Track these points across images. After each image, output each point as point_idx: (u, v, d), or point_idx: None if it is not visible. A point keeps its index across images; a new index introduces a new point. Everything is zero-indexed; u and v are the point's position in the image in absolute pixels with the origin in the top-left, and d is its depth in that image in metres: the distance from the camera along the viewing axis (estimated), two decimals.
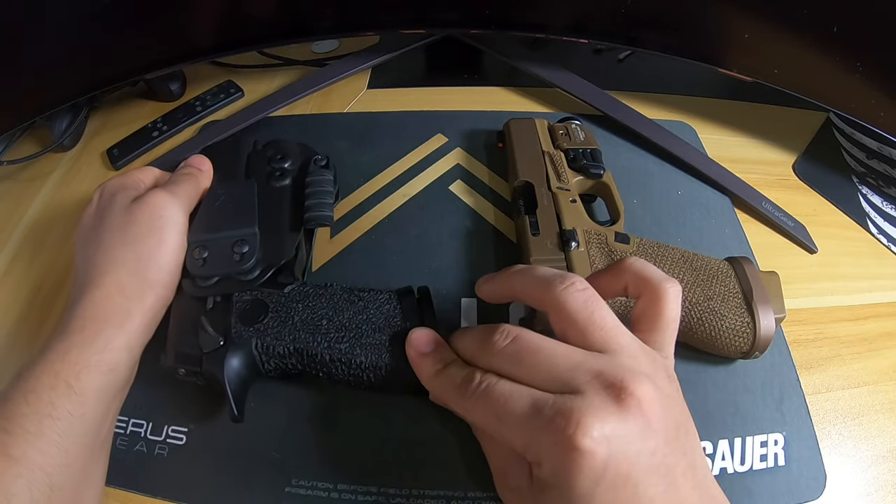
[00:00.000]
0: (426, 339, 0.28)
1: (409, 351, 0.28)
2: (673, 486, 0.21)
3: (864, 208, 0.41)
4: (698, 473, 0.22)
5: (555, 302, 0.24)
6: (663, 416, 0.21)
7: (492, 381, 0.23)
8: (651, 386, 0.22)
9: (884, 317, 0.35)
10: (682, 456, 0.22)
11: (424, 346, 0.28)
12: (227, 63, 0.54)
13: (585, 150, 0.39)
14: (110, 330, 0.27)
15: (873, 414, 0.31)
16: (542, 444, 0.21)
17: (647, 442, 0.21)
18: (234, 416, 0.27)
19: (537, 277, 0.26)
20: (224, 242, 0.31)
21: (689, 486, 0.21)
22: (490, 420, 0.23)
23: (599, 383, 0.21)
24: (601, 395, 0.21)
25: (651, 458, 0.21)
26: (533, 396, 0.22)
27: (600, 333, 0.23)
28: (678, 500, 0.21)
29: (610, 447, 0.20)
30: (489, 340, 0.25)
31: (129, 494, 0.29)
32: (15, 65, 0.38)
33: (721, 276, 0.32)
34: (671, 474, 0.21)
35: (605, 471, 0.20)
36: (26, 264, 0.39)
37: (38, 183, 0.45)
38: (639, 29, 0.41)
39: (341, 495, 0.28)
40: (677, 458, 0.21)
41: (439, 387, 0.26)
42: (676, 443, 0.22)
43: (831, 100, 0.39)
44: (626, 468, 0.20)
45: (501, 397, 0.23)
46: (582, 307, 0.24)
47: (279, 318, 0.29)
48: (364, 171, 0.42)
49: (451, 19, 0.44)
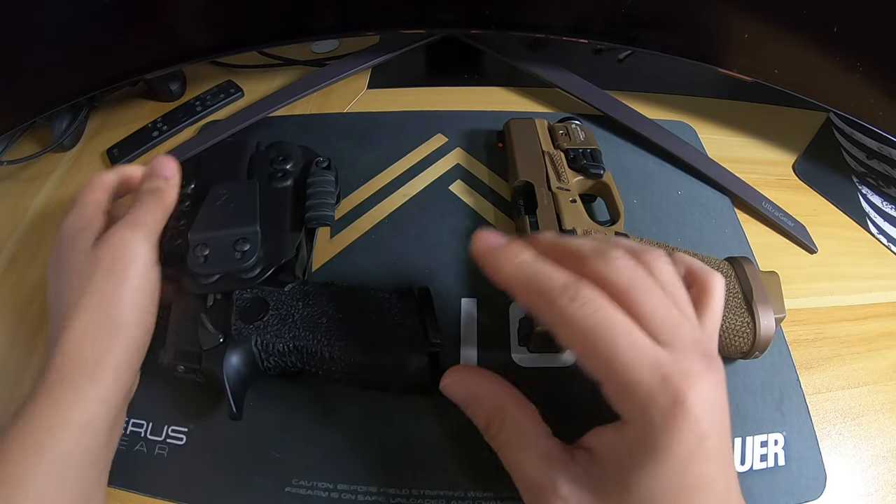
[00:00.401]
0: (496, 234, 0.24)
1: (477, 249, 0.24)
2: (728, 467, 0.21)
3: (864, 208, 0.41)
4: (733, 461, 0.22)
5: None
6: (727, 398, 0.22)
7: (605, 301, 0.21)
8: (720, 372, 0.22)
9: (884, 317, 0.35)
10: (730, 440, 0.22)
11: (496, 238, 0.24)
12: (227, 63, 0.54)
13: (585, 150, 0.39)
14: (82, 382, 0.25)
15: (873, 414, 0.31)
16: (653, 400, 0.19)
17: (726, 418, 0.21)
18: (232, 413, 0.27)
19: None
20: (226, 240, 0.31)
21: (732, 475, 0.21)
22: (596, 349, 0.20)
23: (700, 350, 0.21)
24: (703, 362, 0.21)
25: (725, 435, 0.21)
26: (652, 343, 0.20)
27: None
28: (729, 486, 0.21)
29: (709, 418, 0.20)
30: (603, 251, 0.22)
31: (129, 494, 0.29)
32: (15, 65, 0.38)
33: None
34: (728, 457, 0.21)
35: (705, 438, 0.19)
36: (26, 264, 0.39)
37: (38, 183, 0.45)
38: (639, 29, 0.41)
39: (341, 495, 0.28)
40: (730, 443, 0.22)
41: (530, 283, 0.22)
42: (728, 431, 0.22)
43: (831, 100, 0.39)
44: (714, 442, 0.20)
45: (622, 327, 0.20)
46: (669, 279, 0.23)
47: (279, 316, 0.29)
48: (364, 171, 0.42)
49: (451, 19, 0.44)
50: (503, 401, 0.24)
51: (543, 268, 0.22)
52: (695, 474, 0.19)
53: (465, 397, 0.25)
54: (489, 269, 0.24)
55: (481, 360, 0.32)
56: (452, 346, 0.33)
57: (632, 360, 0.20)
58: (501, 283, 0.23)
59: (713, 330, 0.24)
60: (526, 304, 0.23)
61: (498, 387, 0.25)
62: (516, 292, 0.23)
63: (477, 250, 0.24)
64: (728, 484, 0.20)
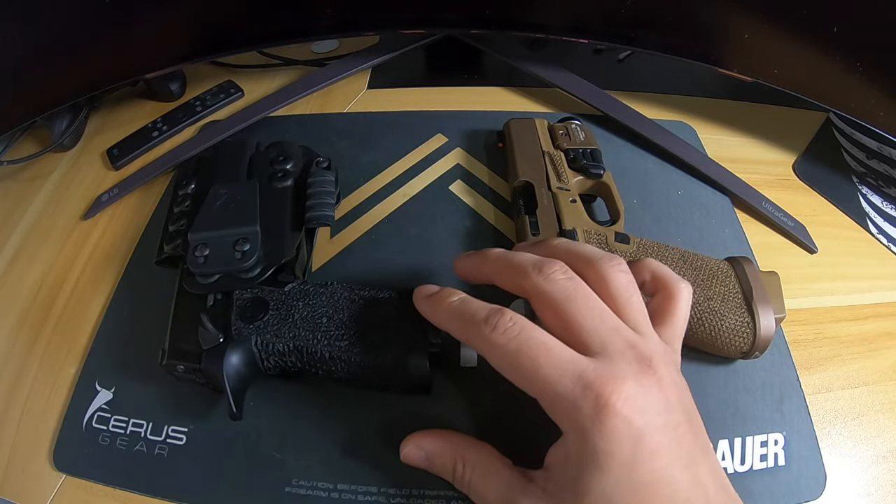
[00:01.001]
0: (429, 285, 0.27)
1: (416, 299, 0.27)
2: (694, 463, 0.21)
3: (864, 208, 0.41)
4: (710, 458, 0.22)
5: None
6: (679, 398, 0.22)
7: (524, 322, 0.23)
8: (673, 369, 0.22)
9: (884, 317, 0.35)
10: (697, 437, 0.22)
11: (429, 288, 0.27)
12: (227, 63, 0.54)
13: (585, 150, 0.39)
14: None
15: (873, 414, 0.31)
16: (579, 406, 0.20)
17: (671, 415, 0.21)
18: (232, 413, 0.27)
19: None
20: (225, 240, 0.31)
21: (706, 468, 0.21)
22: (522, 368, 0.22)
23: (633, 355, 0.22)
24: (634, 366, 0.21)
25: (675, 431, 0.21)
26: (573, 354, 0.22)
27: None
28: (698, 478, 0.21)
29: (646, 417, 0.20)
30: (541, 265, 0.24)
31: (129, 494, 0.29)
32: (15, 65, 0.38)
33: (721, 276, 0.32)
34: (692, 452, 0.21)
35: (641, 438, 0.20)
36: (26, 264, 0.39)
37: (38, 183, 0.45)
38: (639, 29, 0.41)
39: (341, 495, 0.28)
40: (694, 438, 0.22)
41: (458, 319, 0.25)
42: (690, 424, 0.22)
43: (831, 100, 0.39)
44: (658, 439, 0.20)
45: (541, 345, 0.22)
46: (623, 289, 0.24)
47: (279, 315, 0.29)
48: (364, 171, 0.42)
49: (451, 19, 0.44)
50: (460, 449, 0.25)
51: (468, 305, 0.25)
52: (645, 471, 0.20)
53: (425, 458, 0.26)
54: (428, 317, 0.27)
55: (481, 359, 0.32)
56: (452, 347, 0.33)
57: (553, 374, 0.21)
58: (440, 326, 0.26)
59: (675, 335, 0.26)
60: (463, 341, 0.25)
61: (451, 439, 0.26)
62: (452, 332, 0.25)
63: (416, 302, 0.27)
64: (697, 477, 0.21)
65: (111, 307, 0.36)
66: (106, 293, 0.37)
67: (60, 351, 0.34)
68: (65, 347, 0.34)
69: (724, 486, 0.22)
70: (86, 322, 0.35)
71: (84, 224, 0.41)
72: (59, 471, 0.30)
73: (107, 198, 0.42)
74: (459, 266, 0.29)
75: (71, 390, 0.32)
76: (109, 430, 0.31)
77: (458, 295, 0.26)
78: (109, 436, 0.30)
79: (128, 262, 0.38)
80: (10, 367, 0.34)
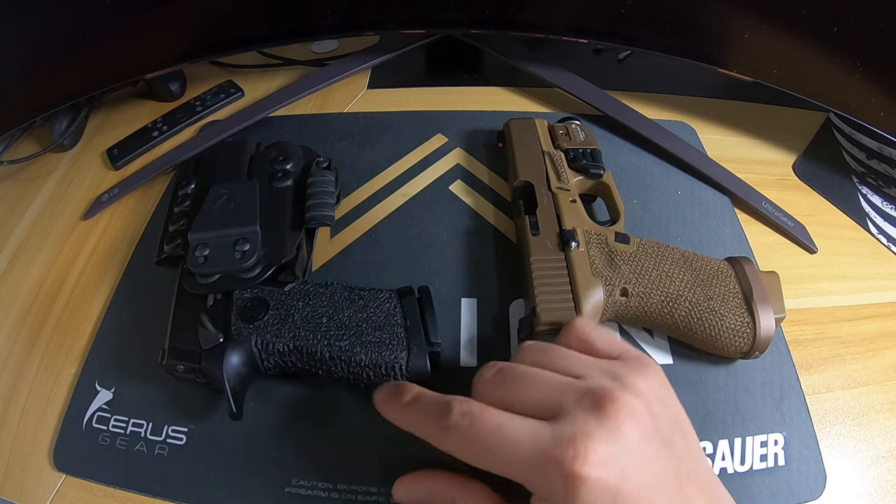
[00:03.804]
0: (386, 385, 0.26)
1: (374, 399, 0.26)
2: (682, 489, 0.21)
3: (864, 208, 0.41)
4: (702, 475, 0.22)
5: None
6: (655, 418, 0.21)
7: (475, 409, 0.22)
8: (632, 393, 0.21)
9: (884, 317, 0.35)
10: (683, 458, 0.21)
11: (385, 391, 0.26)
12: (227, 63, 0.54)
13: (585, 150, 0.39)
14: None
15: (873, 414, 0.31)
16: (547, 478, 0.20)
17: (648, 449, 0.21)
18: (232, 413, 0.27)
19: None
20: (226, 240, 0.31)
21: (696, 489, 0.21)
22: (482, 455, 0.22)
23: (588, 403, 0.21)
24: (591, 415, 0.21)
25: (656, 463, 0.21)
26: (528, 427, 0.21)
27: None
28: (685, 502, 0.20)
29: (617, 467, 0.20)
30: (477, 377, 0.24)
31: (129, 494, 0.29)
32: (15, 65, 0.38)
33: (721, 276, 0.32)
34: (678, 477, 0.21)
35: (619, 492, 0.19)
36: (26, 264, 0.39)
37: (38, 183, 0.45)
38: (639, 29, 0.41)
39: (341, 495, 0.28)
40: (679, 461, 0.21)
41: (414, 423, 0.24)
42: (675, 446, 0.22)
43: (831, 100, 0.39)
44: (637, 482, 0.20)
45: (493, 428, 0.21)
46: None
47: (279, 315, 0.29)
48: (364, 171, 0.42)
49: (451, 19, 0.44)
50: (452, 490, 0.25)
51: (419, 405, 0.24)
52: None
53: (419, 499, 0.26)
54: (388, 418, 0.26)
55: (481, 359, 0.32)
56: (452, 346, 0.33)
57: (511, 455, 0.21)
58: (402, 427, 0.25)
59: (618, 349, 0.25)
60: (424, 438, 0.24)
61: (442, 480, 0.25)
62: (413, 432, 0.24)
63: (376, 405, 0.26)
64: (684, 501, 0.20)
65: (111, 307, 0.36)
66: (106, 293, 0.37)
67: (60, 351, 0.34)
68: (65, 347, 0.34)
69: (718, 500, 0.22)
70: (86, 322, 0.35)
71: (84, 224, 0.41)
72: (59, 471, 0.30)
73: (107, 198, 0.42)
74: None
75: (71, 390, 0.32)
76: (109, 430, 0.31)
77: (410, 393, 0.25)
78: (109, 436, 0.30)
79: (128, 262, 0.38)
80: (10, 367, 0.34)
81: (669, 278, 0.31)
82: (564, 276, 0.31)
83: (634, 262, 0.32)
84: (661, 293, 0.31)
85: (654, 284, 0.31)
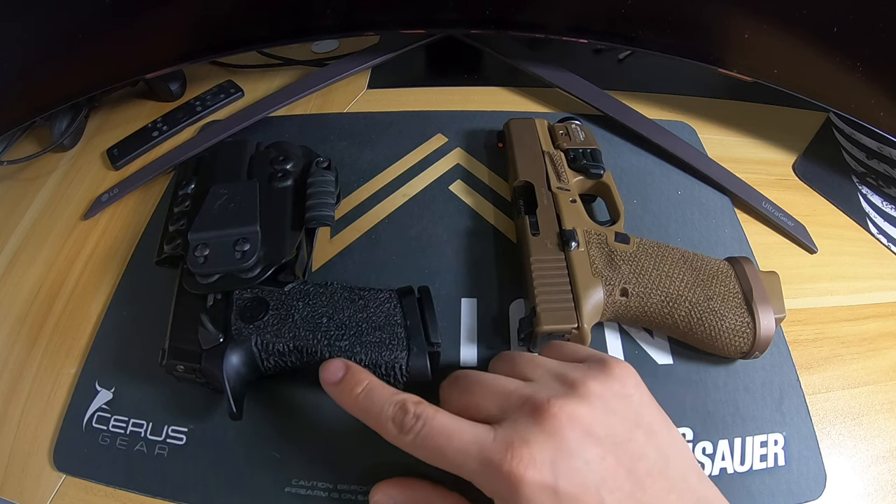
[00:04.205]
0: (335, 364, 0.26)
1: (322, 382, 0.26)
2: (639, 485, 0.21)
3: (864, 208, 0.41)
4: (673, 473, 0.22)
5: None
6: (604, 421, 0.22)
7: (427, 412, 0.23)
8: (577, 397, 0.22)
9: (884, 317, 0.35)
10: (644, 456, 0.22)
11: (334, 373, 0.26)
12: (227, 63, 0.54)
13: (585, 150, 0.39)
14: None
15: (873, 414, 0.31)
16: (491, 479, 0.21)
17: (589, 450, 0.21)
18: (232, 413, 0.27)
19: None
20: (226, 240, 0.31)
21: (662, 487, 0.21)
22: (434, 456, 0.23)
23: (528, 409, 0.22)
24: (530, 420, 0.22)
25: (602, 463, 0.21)
26: (473, 431, 0.22)
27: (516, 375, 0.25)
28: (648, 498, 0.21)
29: (553, 469, 0.20)
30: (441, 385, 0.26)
31: (129, 494, 0.29)
32: (15, 65, 0.38)
33: (721, 276, 0.32)
34: (634, 475, 0.21)
35: (558, 492, 0.20)
36: (26, 264, 0.39)
37: (38, 183, 0.45)
38: (639, 29, 0.41)
39: (341, 495, 0.28)
40: (636, 459, 0.21)
41: (364, 415, 0.25)
42: (631, 444, 0.22)
43: (831, 100, 0.39)
44: (580, 481, 0.20)
45: (443, 433, 0.22)
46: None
47: (279, 315, 0.29)
48: (364, 171, 0.42)
49: (451, 19, 0.44)
50: (430, 499, 0.25)
51: (372, 400, 0.25)
52: None
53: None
54: (337, 402, 0.26)
55: (481, 359, 0.32)
56: (452, 346, 0.33)
57: (457, 458, 0.22)
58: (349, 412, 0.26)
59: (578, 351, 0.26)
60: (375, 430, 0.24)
61: (420, 489, 0.26)
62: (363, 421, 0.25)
63: (323, 385, 0.26)
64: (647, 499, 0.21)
65: (111, 307, 0.36)
66: (106, 293, 0.37)
67: (60, 351, 0.34)
68: (65, 347, 0.34)
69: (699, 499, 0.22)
70: (86, 322, 0.35)
71: (84, 224, 0.41)
72: (59, 471, 0.30)
73: (107, 198, 0.42)
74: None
75: (71, 390, 0.32)
76: (109, 430, 0.31)
77: (362, 384, 0.25)
78: (109, 436, 0.30)
79: (128, 262, 0.38)
80: (10, 367, 0.34)
81: (669, 278, 0.31)
82: (564, 276, 0.31)
83: (634, 262, 0.32)
84: (661, 293, 0.31)
85: (654, 284, 0.31)
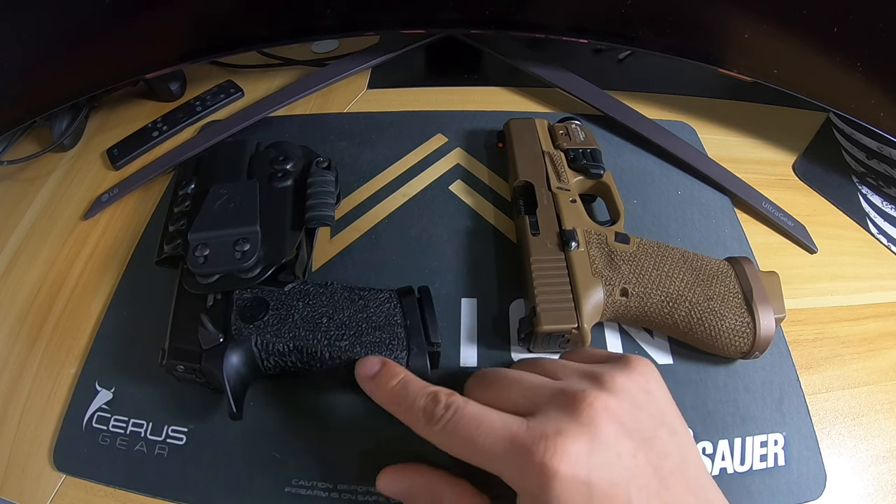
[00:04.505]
0: (372, 360, 0.27)
1: (358, 379, 0.27)
2: (664, 484, 0.21)
3: (864, 208, 0.41)
4: (691, 473, 0.22)
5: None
6: (635, 414, 0.22)
7: (458, 402, 0.23)
8: (608, 391, 0.22)
9: (884, 317, 0.35)
10: (668, 455, 0.21)
11: (371, 367, 0.27)
12: (227, 63, 0.54)
13: (585, 150, 0.39)
14: None
15: (873, 414, 0.31)
16: (522, 471, 0.21)
17: (623, 444, 0.21)
18: (232, 413, 0.27)
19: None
20: (226, 240, 0.31)
21: (682, 487, 0.21)
22: (463, 446, 0.22)
23: (562, 400, 0.22)
24: (564, 412, 0.21)
25: (632, 458, 0.21)
26: (504, 421, 0.22)
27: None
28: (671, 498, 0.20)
29: (588, 462, 0.20)
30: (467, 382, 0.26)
31: (129, 494, 0.29)
32: (15, 65, 0.38)
33: (721, 276, 0.32)
34: (659, 473, 0.21)
35: (592, 489, 0.20)
36: (26, 264, 0.39)
37: (38, 183, 0.45)
38: (639, 29, 0.41)
39: (341, 495, 0.28)
40: (662, 458, 0.21)
41: (398, 407, 0.25)
42: (657, 441, 0.22)
43: (831, 100, 0.39)
44: (610, 478, 0.20)
45: (474, 420, 0.22)
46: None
47: (279, 315, 0.29)
48: (364, 171, 0.42)
49: (451, 19, 0.44)
50: (437, 486, 0.25)
51: (406, 392, 0.25)
52: None
53: (401, 492, 0.26)
54: (371, 396, 0.26)
55: (481, 359, 0.32)
56: (452, 346, 0.33)
57: (487, 443, 0.21)
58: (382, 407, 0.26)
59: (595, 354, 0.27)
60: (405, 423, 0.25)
61: (427, 475, 0.26)
62: (395, 415, 0.25)
63: (359, 382, 0.27)
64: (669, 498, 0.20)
65: (111, 307, 0.36)
66: (106, 293, 0.37)
67: (60, 351, 0.34)
68: (65, 347, 0.34)
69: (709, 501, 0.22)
70: (86, 322, 0.35)
71: (84, 224, 0.41)
72: (59, 471, 0.30)
73: (107, 198, 0.42)
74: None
75: (71, 390, 0.32)
76: (109, 430, 0.31)
77: (397, 377, 0.26)
78: (109, 436, 0.30)
79: (128, 262, 0.38)
80: (10, 367, 0.34)
81: (669, 278, 0.31)
82: (564, 276, 0.31)
83: (634, 262, 0.32)
84: (661, 293, 0.31)
85: (654, 284, 0.31)
